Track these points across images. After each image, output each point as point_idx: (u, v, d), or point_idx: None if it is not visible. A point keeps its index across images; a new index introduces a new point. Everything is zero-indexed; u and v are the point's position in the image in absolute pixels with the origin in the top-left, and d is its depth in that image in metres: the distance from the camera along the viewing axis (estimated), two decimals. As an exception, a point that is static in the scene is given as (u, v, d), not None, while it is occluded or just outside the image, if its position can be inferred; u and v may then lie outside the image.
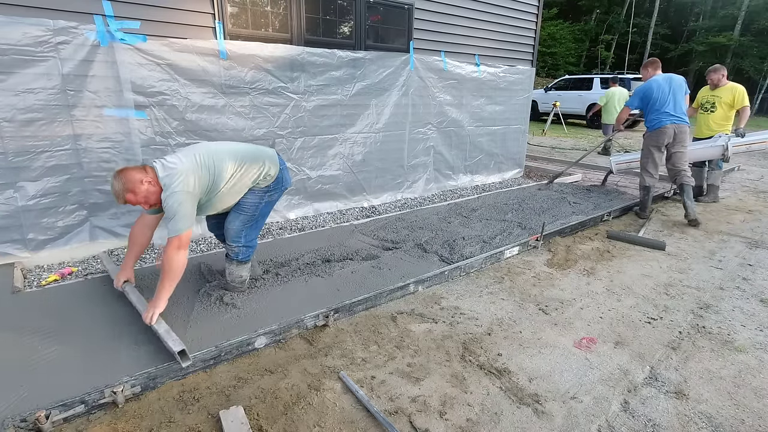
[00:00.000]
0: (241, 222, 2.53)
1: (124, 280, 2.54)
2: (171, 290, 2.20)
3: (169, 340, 1.98)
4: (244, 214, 2.52)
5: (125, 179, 2.14)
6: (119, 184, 2.15)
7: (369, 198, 4.95)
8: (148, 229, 2.49)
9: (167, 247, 2.16)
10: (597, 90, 14.65)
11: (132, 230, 2.49)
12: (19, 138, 2.88)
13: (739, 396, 1.96)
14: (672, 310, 2.73)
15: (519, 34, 6.19)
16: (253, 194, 2.51)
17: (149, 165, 2.25)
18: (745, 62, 26.58)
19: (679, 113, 4.33)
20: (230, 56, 3.61)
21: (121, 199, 2.18)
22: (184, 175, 2.18)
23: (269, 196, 2.58)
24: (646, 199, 4.65)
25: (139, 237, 2.48)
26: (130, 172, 2.17)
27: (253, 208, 2.53)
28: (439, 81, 5.26)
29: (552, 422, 1.78)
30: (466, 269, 3.16)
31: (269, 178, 2.53)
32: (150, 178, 2.19)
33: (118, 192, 2.16)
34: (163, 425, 1.70)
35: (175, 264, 2.16)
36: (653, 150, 4.51)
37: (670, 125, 4.34)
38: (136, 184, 2.15)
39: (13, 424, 1.59)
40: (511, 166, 6.71)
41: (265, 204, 2.59)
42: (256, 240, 2.66)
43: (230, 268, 2.62)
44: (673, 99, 4.33)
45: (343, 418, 1.77)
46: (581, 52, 31.08)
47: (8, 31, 2.73)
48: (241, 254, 2.57)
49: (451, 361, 2.15)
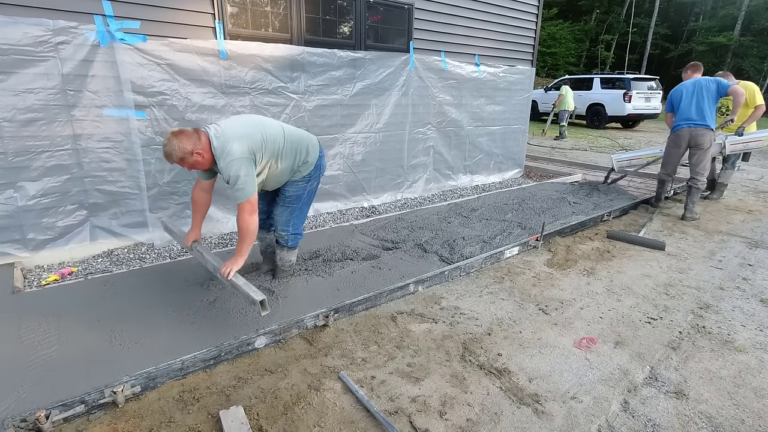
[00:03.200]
0: (289, 212, 2.67)
1: (193, 240, 2.64)
2: (249, 250, 2.35)
3: (250, 291, 2.12)
4: (291, 206, 2.66)
5: (178, 146, 2.18)
6: (171, 148, 2.18)
7: (369, 198, 4.95)
8: (206, 193, 2.57)
9: (240, 213, 2.27)
10: (597, 90, 14.66)
11: (193, 196, 2.59)
12: (19, 138, 2.89)
13: (739, 396, 1.96)
14: (672, 310, 2.73)
15: (519, 34, 6.19)
16: (294, 186, 2.61)
17: (202, 129, 2.29)
18: (745, 62, 26.60)
19: (696, 116, 4.36)
20: (230, 56, 3.61)
21: (173, 157, 2.22)
22: (238, 142, 2.23)
23: (310, 185, 2.68)
24: (659, 192, 5.05)
25: (200, 200, 2.57)
26: (184, 140, 2.19)
27: (297, 199, 2.66)
28: (439, 81, 5.26)
29: (552, 422, 1.78)
30: (466, 269, 3.16)
31: (308, 165, 2.60)
32: (201, 147, 2.22)
33: (169, 154, 2.22)
34: (163, 425, 1.70)
35: (252, 227, 2.30)
36: (669, 149, 4.76)
37: (685, 128, 4.45)
38: (186, 154, 2.20)
39: (13, 424, 1.59)
40: (511, 166, 6.71)
41: (308, 193, 2.70)
42: (302, 227, 2.82)
43: (281, 254, 2.80)
44: (695, 102, 4.38)
45: (343, 418, 1.77)
46: (581, 52, 31.11)
47: (8, 31, 2.73)
48: (290, 241, 2.74)
49: (451, 361, 2.15)
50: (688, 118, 4.42)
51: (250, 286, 2.18)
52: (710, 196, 5.52)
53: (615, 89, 14.16)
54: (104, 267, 3.16)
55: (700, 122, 4.36)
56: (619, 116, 14.38)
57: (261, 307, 2.08)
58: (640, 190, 5.84)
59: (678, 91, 4.57)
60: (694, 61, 5.07)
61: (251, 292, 2.12)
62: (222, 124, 2.31)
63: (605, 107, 14.38)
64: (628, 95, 13.70)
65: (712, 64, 27.43)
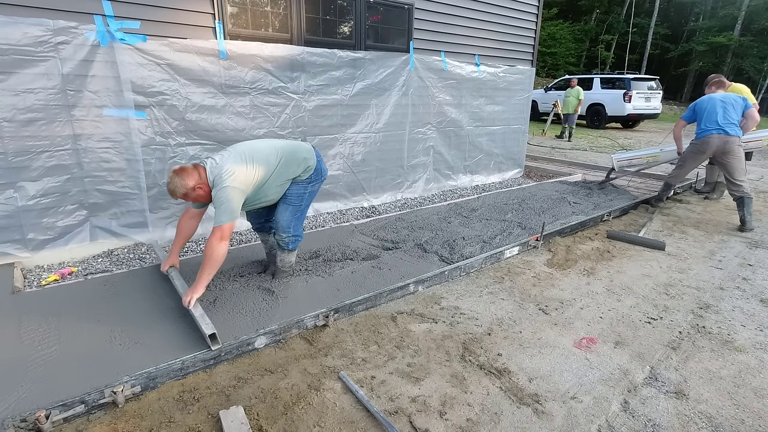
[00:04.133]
0: (290, 213, 2.73)
1: (170, 266, 2.74)
2: (210, 277, 2.36)
3: (203, 324, 2.12)
4: (292, 206, 2.73)
5: (182, 183, 2.32)
6: (175, 185, 2.33)
7: (369, 198, 4.95)
8: (194, 220, 2.68)
9: (211, 237, 2.31)
10: (597, 90, 14.65)
11: (179, 222, 2.67)
12: (19, 138, 2.89)
13: (739, 396, 1.96)
14: (672, 310, 2.73)
15: (519, 34, 6.19)
16: (297, 186, 2.71)
17: (201, 165, 2.42)
18: (745, 62, 26.61)
19: (726, 124, 4.30)
20: (230, 56, 3.61)
21: (177, 194, 2.36)
22: (232, 172, 2.34)
23: (311, 187, 2.78)
24: (662, 194, 4.98)
25: (185, 228, 2.67)
26: (186, 178, 2.32)
27: (298, 199, 2.73)
28: (439, 81, 5.26)
29: (552, 422, 1.78)
30: (466, 269, 3.16)
31: (309, 170, 2.72)
32: (202, 181, 2.37)
33: (173, 191, 2.35)
34: (163, 425, 1.70)
35: (216, 253, 2.31)
36: (692, 156, 4.63)
37: (715, 135, 4.33)
38: (189, 190, 2.34)
39: (13, 424, 1.59)
40: (511, 166, 6.71)
41: (308, 195, 2.78)
42: (302, 230, 2.88)
43: (281, 256, 2.86)
44: (723, 111, 4.31)
45: (343, 418, 1.77)
46: (581, 52, 31.10)
47: (8, 31, 2.73)
48: (291, 244, 2.79)
49: (451, 361, 2.15)
50: (722, 125, 4.30)
51: (204, 318, 2.17)
52: (710, 196, 5.55)
53: (615, 89, 14.17)
54: (104, 267, 3.16)
55: (730, 131, 4.29)
56: (619, 116, 14.39)
57: (211, 341, 2.05)
58: (640, 190, 5.84)
59: (702, 101, 4.45)
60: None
61: (203, 325, 2.11)
62: (217, 158, 2.44)
63: (605, 107, 14.39)
64: (628, 95, 13.71)
65: (712, 64, 27.46)
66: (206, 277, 2.33)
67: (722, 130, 4.30)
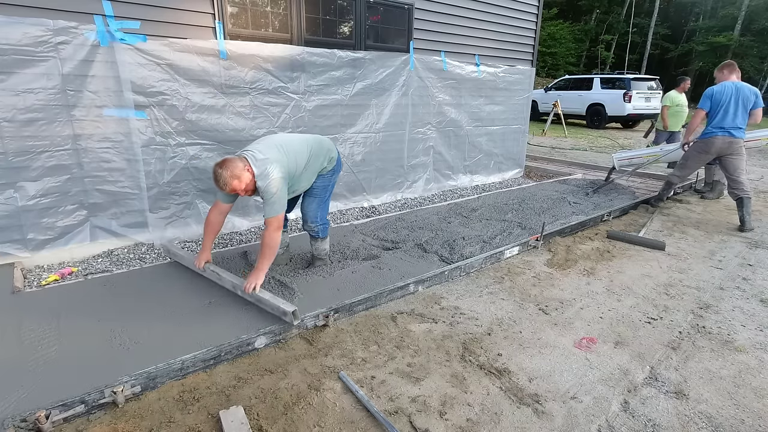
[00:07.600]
0: (317, 204, 2.91)
1: (205, 261, 2.78)
2: (269, 264, 2.48)
3: (281, 303, 2.27)
4: (318, 198, 2.91)
5: (231, 168, 2.35)
6: (226, 172, 2.34)
7: (369, 198, 4.95)
8: (222, 216, 2.70)
9: (267, 228, 2.43)
10: (597, 90, 14.65)
11: (208, 217, 2.68)
12: (19, 138, 2.88)
13: (739, 396, 1.96)
14: (672, 310, 2.73)
15: (519, 34, 6.19)
16: (322, 178, 2.88)
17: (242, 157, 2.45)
18: (745, 62, 26.57)
19: (734, 127, 4.25)
20: (230, 56, 3.61)
21: (228, 187, 2.38)
22: (276, 164, 2.44)
23: (334, 178, 2.97)
24: (663, 193, 4.99)
25: (215, 223, 2.69)
26: (234, 161, 2.37)
27: (323, 190, 2.92)
28: (439, 81, 5.26)
29: (552, 422, 1.78)
30: (466, 269, 3.16)
31: (332, 161, 2.89)
32: (249, 167, 2.40)
33: (226, 179, 2.35)
34: (163, 425, 1.70)
35: (274, 243, 2.45)
36: (695, 156, 4.58)
37: (720, 137, 4.30)
38: (241, 171, 2.37)
39: (13, 424, 1.59)
40: (511, 166, 6.71)
41: (331, 186, 2.98)
42: (327, 217, 3.04)
43: (316, 245, 3.06)
44: (734, 111, 4.24)
45: (343, 418, 1.77)
46: (581, 52, 31.11)
47: (8, 31, 2.72)
48: (321, 232, 2.97)
49: (451, 361, 2.15)
50: (729, 128, 4.26)
51: (277, 298, 2.33)
52: (707, 195, 5.55)
53: (615, 89, 14.16)
54: (104, 267, 3.15)
55: (736, 134, 4.26)
56: (619, 116, 14.39)
57: (293, 317, 2.20)
58: (640, 190, 5.84)
59: (720, 93, 4.29)
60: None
61: (281, 303, 2.26)
62: (256, 149, 2.49)
63: (605, 107, 14.38)
64: (628, 95, 13.70)
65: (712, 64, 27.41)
66: (266, 264, 2.45)
67: (728, 132, 4.28)
